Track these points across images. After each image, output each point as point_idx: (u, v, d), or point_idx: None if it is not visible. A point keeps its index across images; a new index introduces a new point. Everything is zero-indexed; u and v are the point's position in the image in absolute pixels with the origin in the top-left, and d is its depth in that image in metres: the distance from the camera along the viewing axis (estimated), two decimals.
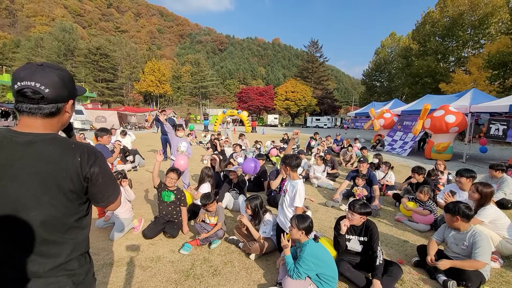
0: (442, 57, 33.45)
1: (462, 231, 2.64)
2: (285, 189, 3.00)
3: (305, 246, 2.36)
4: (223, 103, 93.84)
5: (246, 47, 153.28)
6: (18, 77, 0.97)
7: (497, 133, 9.86)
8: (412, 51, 37.23)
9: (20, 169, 0.95)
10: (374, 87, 49.32)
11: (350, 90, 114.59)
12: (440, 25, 32.06)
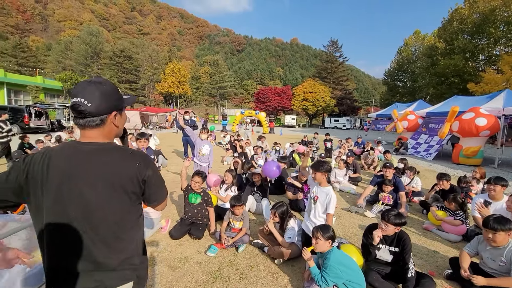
0: (471, 56, 31.73)
1: (500, 246, 2.51)
2: (314, 196, 2.99)
3: (330, 253, 2.35)
4: (240, 103, 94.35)
5: (264, 48, 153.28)
6: (71, 94, 1.11)
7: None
8: (437, 49, 35.63)
9: (91, 174, 1.06)
10: (396, 87, 47.66)
11: (370, 90, 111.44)
12: (469, 22, 30.43)
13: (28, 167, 1.05)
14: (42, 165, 1.05)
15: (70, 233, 1.05)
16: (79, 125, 1.12)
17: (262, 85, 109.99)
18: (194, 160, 5.23)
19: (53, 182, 1.04)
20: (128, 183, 1.12)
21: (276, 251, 3.00)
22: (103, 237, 1.08)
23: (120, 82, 54.31)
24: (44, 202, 1.04)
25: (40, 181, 1.04)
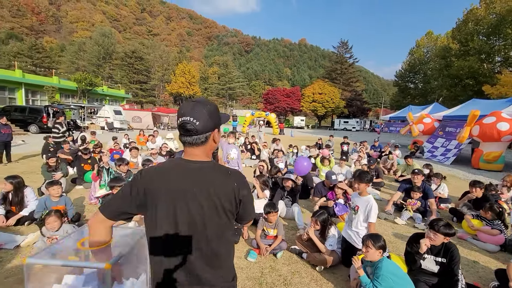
0: (486, 57, 31.04)
1: None
2: (355, 206, 3.01)
3: (381, 263, 2.37)
4: (248, 104, 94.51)
5: (272, 48, 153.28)
6: (180, 113, 1.15)
7: None
8: (451, 51, 34.96)
9: (196, 191, 1.12)
10: (407, 89, 47.02)
11: (380, 91, 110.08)
12: (485, 22, 29.78)
13: (146, 182, 1.13)
14: (157, 181, 1.12)
15: (177, 248, 1.13)
16: (187, 143, 1.17)
17: (270, 85, 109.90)
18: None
19: (167, 197, 1.11)
20: (227, 203, 1.18)
21: (318, 258, 3.04)
22: (205, 253, 1.14)
23: (131, 83, 55.20)
24: (158, 216, 1.11)
25: (156, 196, 1.11)
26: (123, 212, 1.14)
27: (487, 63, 31.21)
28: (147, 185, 1.12)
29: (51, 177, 5.28)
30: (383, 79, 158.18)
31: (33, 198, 4.06)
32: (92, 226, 1.15)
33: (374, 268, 2.40)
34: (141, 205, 1.13)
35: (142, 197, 1.12)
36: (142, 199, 1.12)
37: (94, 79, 30.39)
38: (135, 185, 1.14)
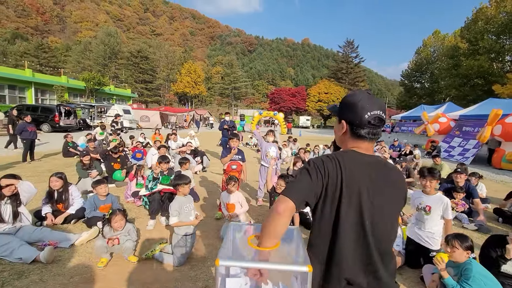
0: (496, 56, 30.79)
1: None
2: (425, 206, 2.92)
3: (471, 264, 2.29)
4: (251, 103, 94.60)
5: (275, 48, 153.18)
6: (365, 108, 1.06)
7: None
8: (460, 50, 34.71)
9: (382, 185, 1.05)
10: (413, 89, 46.76)
11: (384, 91, 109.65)
12: (495, 21, 29.54)
13: (329, 172, 1.02)
14: (337, 173, 1.02)
15: (359, 245, 1.03)
16: (369, 138, 1.09)
17: (274, 85, 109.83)
18: (262, 163, 5.23)
19: (353, 191, 1.01)
20: (403, 201, 1.14)
21: None
22: (383, 252, 1.06)
23: (136, 82, 55.32)
24: (342, 210, 1.01)
25: (338, 189, 1.01)
26: (305, 201, 1.03)
27: (497, 62, 30.96)
28: (330, 175, 1.02)
29: (87, 175, 5.24)
30: (387, 78, 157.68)
31: (78, 196, 4.01)
32: (281, 214, 0.97)
33: (461, 269, 2.32)
34: (319, 196, 1.04)
35: (323, 188, 1.02)
36: (322, 189, 1.02)
37: (102, 79, 30.46)
38: (318, 173, 1.02)
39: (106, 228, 2.88)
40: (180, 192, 3.06)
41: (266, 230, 1.01)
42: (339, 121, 1.17)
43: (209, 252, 3.29)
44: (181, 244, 2.96)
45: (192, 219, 3.07)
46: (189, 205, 3.08)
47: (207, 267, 2.96)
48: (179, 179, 3.06)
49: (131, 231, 3.08)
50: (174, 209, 2.94)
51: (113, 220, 2.86)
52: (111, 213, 2.87)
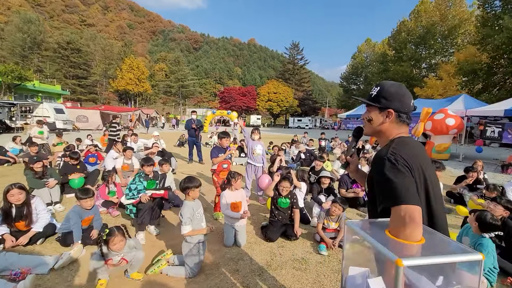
0: (416, 63, 36.19)
1: None
2: None
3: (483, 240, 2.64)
4: (199, 102, 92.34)
5: (221, 47, 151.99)
6: (410, 97, 1.30)
7: (493, 135, 11.09)
8: (388, 57, 39.76)
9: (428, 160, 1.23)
10: (351, 90, 51.81)
11: (324, 92, 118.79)
12: (414, 33, 34.65)
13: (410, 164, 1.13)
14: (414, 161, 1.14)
15: (442, 218, 1.22)
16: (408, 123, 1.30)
17: (221, 84, 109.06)
18: (248, 161, 5.11)
19: (427, 170, 1.17)
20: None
21: None
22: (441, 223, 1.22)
23: (67, 78, 48.40)
24: (430, 189, 1.16)
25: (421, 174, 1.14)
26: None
27: (416, 69, 36.38)
28: (420, 160, 1.16)
29: (43, 184, 4.37)
30: (326, 80, 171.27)
31: (43, 210, 3.32)
32: (419, 224, 0.99)
33: (475, 242, 2.64)
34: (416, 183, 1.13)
35: (419, 175, 1.13)
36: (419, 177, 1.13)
37: (24, 72, 25.82)
38: (410, 163, 1.12)
39: (104, 248, 2.41)
40: (190, 197, 2.77)
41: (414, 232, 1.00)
42: (382, 110, 1.28)
43: (219, 258, 3.07)
44: (194, 252, 2.69)
45: (204, 225, 2.83)
46: (200, 210, 2.82)
47: (223, 274, 2.75)
48: (189, 182, 2.76)
49: (137, 244, 2.66)
50: (186, 217, 2.65)
51: (111, 243, 2.39)
52: (108, 233, 2.40)
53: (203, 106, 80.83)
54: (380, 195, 1.15)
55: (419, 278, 0.92)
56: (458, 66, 26.36)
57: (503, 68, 22.98)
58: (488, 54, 23.47)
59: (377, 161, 1.22)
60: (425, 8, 33.66)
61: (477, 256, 0.86)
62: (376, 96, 1.29)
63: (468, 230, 2.86)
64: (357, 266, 1.12)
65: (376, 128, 1.32)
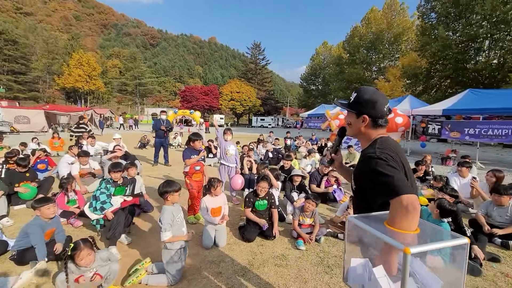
0: (367, 67, 39.28)
1: (505, 206, 3.67)
2: None
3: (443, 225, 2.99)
4: (158, 102, 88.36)
5: (181, 44, 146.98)
6: (383, 103, 1.39)
7: (433, 132, 12.55)
8: (343, 59, 42.48)
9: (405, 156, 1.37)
10: (310, 90, 54.17)
11: (285, 92, 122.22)
12: (365, 39, 37.57)
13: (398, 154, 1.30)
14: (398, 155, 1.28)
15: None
16: (387, 122, 1.41)
17: (182, 83, 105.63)
18: (221, 162, 5.05)
19: (405, 163, 1.31)
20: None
21: None
22: None
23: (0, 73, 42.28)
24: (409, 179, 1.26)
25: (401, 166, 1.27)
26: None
27: (367, 71, 39.45)
28: (400, 155, 1.29)
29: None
30: (287, 80, 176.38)
31: None
32: (418, 209, 1.10)
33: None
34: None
35: (401, 168, 1.25)
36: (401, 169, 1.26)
37: None
38: (396, 159, 1.25)
39: (71, 265, 2.18)
40: (169, 201, 2.67)
41: (413, 221, 1.10)
42: (358, 115, 1.41)
43: (200, 262, 3.00)
44: (175, 259, 2.60)
45: (185, 230, 2.74)
46: (180, 215, 2.72)
47: (206, 278, 2.71)
48: (168, 186, 2.65)
49: (111, 256, 2.46)
50: (166, 223, 2.53)
51: (78, 258, 2.15)
52: (73, 247, 2.17)
53: (163, 105, 77.46)
54: (378, 191, 1.25)
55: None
56: (402, 70, 29.29)
57: (439, 72, 26.07)
58: (426, 60, 26.46)
59: (367, 160, 1.31)
60: (374, 16, 36.65)
61: (465, 240, 0.99)
62: (353, 103, 1.42)
63: (429, 216, 3.23)
64: (358, 258, 1.20)
65: (356, 131, 1.46)
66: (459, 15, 23.44)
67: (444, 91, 25.94)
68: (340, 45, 45.86)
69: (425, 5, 27.04)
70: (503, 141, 10.27)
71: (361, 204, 1.47)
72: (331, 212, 4.75)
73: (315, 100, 49.02)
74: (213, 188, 3.40)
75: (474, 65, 23.36)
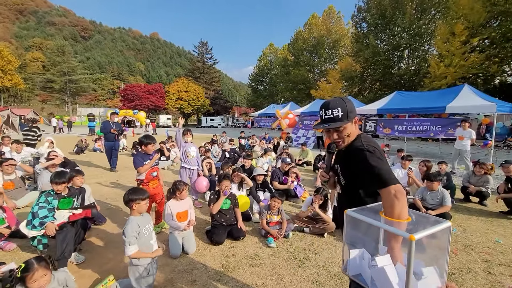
0: (310, 69, 41.92)
1: (435, 191, 4.34)
2: None
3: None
4: (93, 101, 79.66)
5: (118, 38, 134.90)
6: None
7: (370, 129, 14.09)
8: (288, 61, 44.50)
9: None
10: (259, 90, 55.35)
11: (233, 91, 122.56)
12: (308, 42, 40.04)
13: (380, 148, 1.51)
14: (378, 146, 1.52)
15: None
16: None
17: (121, 80, 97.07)
18: (182, 165, 4.78)
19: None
20: None
21: (324, 227, 3.68)
22: None
23: None
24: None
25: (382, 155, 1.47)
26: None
27: (311, 73, 42.10)
28: (379, 148, 1.46)
29: None
30: (235, 80, 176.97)
31: None
32: (404, 194, 1.25)
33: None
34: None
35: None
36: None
37: None
38: (380, 150, 1.43)
39: None
40: (135, 211, 2.42)
41: (403, 208, 1.23)
42: (351, 122, 1.53)
43: (170, 273, 2.80)
44: (144, 275, 2.37)
45: (154, 243, 2.49)
46: (148, 226, 2.47)
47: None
48: (133, 193, 2.40)
49: (68, 281, 2.11)
50: (131, 235, 2.27)
51: (30, 280, 1.80)
52: (23, 269, 1.81)
53: (99, 105, 69.99)
54: (367, 180, 1.39)
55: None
56: (341, 73, 32.16)
57: (370, 76, 29.38)
58: (360, 64, 29.57)
59: (356, 153, 1.44)
60: (315, 22, 39.29)
61: (449, 224, 1.14)
62: (345, 115, 1.48)
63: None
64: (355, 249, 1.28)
65: (353, 136, 1.55)
66: (385, 26, 26.75)
67: (375, 92, 29.29)
68: (286, 48, 47.91)
69: (357, 15, 30.15)
70: (423, 136, 12.08)
71: (352, 197, 1.57)
72: (293, 208, 4.95)
73: (264, 100, 50.28)
74: (179, 191, 3.22)
75: (397, 71, 26.98)
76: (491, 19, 19.16)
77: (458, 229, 4.03)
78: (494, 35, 18.64)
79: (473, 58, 18.34)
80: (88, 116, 23.77)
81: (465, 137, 8.05)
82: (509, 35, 17.42)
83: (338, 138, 1.55)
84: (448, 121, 10.50)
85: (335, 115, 1.48)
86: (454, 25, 18.98)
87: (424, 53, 26.02)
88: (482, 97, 10.05)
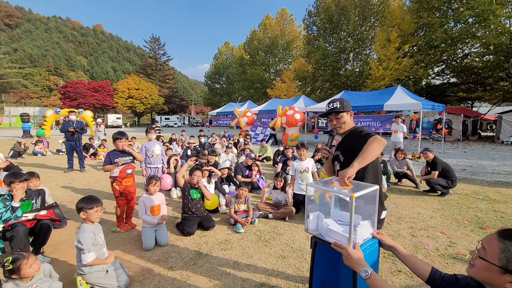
0: (266, 69, 43.08)
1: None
2: (305, 168, 4.35)
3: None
4: (24, 99, 70.14)
5: (54, 28, 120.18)
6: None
7: (322, 125, 15.32)
8: (245, 60, 45.06)
9: None
10: (215, 89, 54.95)
11: (189, 89, 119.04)
12: (263, 43, 41.09)
13: None
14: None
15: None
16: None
17: (59, 76, 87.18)
18: (147, 165, 4.77)
19: None
20: None
21: (285, 212, 4.13)
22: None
23: None
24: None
25: None
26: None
27: (267, 73, 43.28)
28: None
29: None
30: (190, 78, 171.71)
31: None
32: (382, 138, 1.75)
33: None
34: None
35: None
36: None
37: None
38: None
39: (9, 284, 1.84)
40: (87, 220, 2.40)
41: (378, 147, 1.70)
42: (346, 112, 2.04)
43: (146, 263, 2.93)
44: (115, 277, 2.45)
45: (105, 251, 2.52)
46: (101, 235, 2.50)
47: (158, 275, 2.70)
48: (82, 202, 2.34)
49: (52, 272, 2.14)
50: (89, 242, 2.27)
51: (25, 266, 1.83)
52: (12, 260, 1.85)
53: (33, 103, 61.83)
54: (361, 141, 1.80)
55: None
56: (294, 73, 33.76)
57: (321, 76, 31.46)
58: (312, 65, 31.46)
59: (356, 136, 1.92)
60: (269, 23, 40.49)
61: (376, 187, 1.60)
62: (341, 107, 2.01)
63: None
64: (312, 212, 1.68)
65: (349, 124, 2.06)
66: (333, 30, 28.93)
67: (325, 92, 31.49)
68: (241, 46, 48.40)
69: (308, 18, 32.01)
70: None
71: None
72: (257, 199, 5.31)
73: (221, 98, 50.13)
74: (152, 185, 3.34)
75: (344, 72, 29.40)
76: (418, 29, 22.24)
77: (392, 206, 4.86)
78: (420, 43, 21.69)
79: (405, 63, 21.12)
80: (21, 116, 20.93)
81: (398, 130, 9.42)
82: (432, 43, 20.47)
83: (337, 123, 2.05)
84: (385, 117, 12.06)
85: (335, 106, 2.01)
86: (389, 33, 21.56)
87: (366, 56, 28.87)
88: (412, 96, 11.79)
